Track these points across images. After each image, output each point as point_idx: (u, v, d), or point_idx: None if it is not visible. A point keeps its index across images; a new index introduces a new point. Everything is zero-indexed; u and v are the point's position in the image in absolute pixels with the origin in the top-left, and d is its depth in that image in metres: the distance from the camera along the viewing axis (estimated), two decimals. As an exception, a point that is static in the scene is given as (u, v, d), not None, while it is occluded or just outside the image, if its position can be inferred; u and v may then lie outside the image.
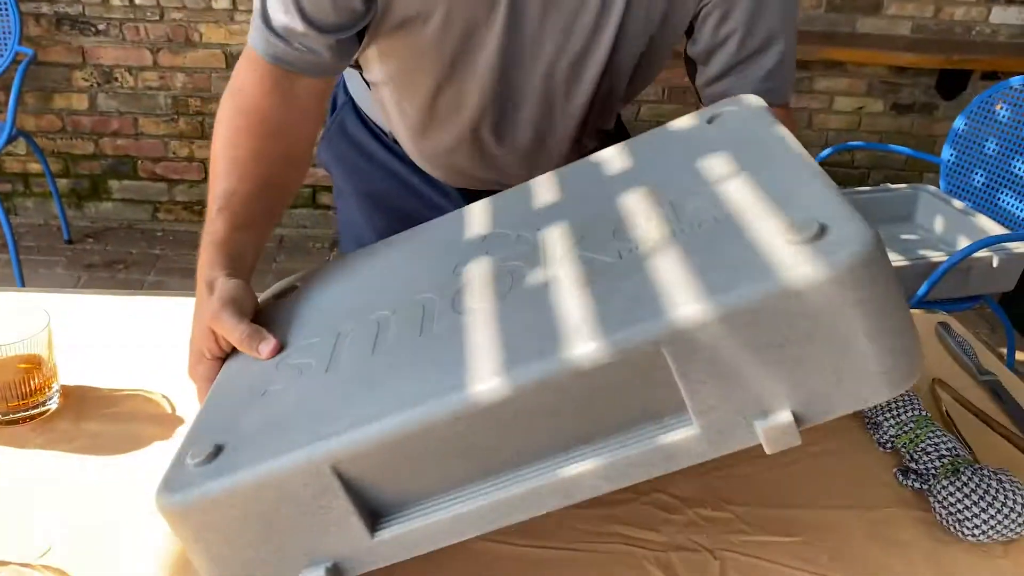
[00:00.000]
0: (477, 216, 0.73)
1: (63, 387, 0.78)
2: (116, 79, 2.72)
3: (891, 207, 1.92)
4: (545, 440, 0.53)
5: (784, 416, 0.51)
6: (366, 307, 0.66)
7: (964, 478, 0.68)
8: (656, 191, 0.63)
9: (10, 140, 2.37)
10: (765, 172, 0.58)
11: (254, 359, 0.65)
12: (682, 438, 0.52)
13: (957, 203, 1.86)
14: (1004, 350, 1.91)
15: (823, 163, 2.56)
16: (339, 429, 0.53)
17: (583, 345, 0.50)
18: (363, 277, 0.74)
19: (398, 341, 0.60)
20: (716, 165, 0.62)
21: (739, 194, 0.57)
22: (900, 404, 0.77)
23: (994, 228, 1.75)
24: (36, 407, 0.75)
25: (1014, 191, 1.84)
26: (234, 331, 0.66)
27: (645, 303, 0.51)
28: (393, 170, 1.02)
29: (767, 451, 0.52)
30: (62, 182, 2.83)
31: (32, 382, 0.74)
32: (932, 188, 1.92)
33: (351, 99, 1.05)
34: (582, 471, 0.53)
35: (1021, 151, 1.84)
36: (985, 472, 0.69)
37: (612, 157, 0.73)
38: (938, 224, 1.86)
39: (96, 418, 0.76)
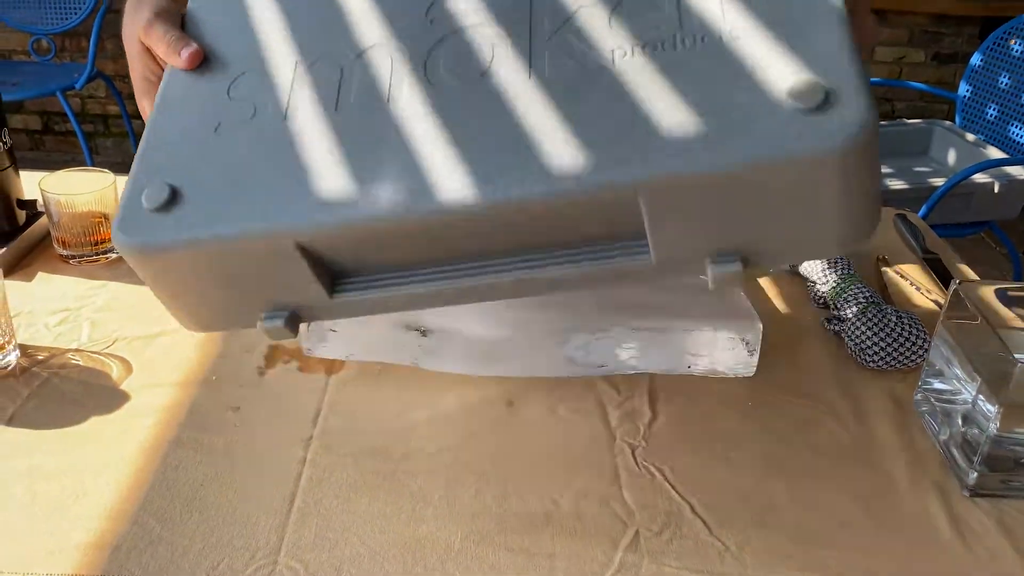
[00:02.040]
0: None
1: (128, 241, 0.95)
2: (186, 26, 2.92)
3: (907, 141, 1.98)
4: (505, 246, 0.53)
5: (735, 266, 0.50)
6: (329, 40, 0.60)
7: (870, 314, 0.79)
8: None
9: (91, 79, 2.59)
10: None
11: (196, 81, 0.61)
12: (636, 265, 0.51)
13: (970, 136, 1.91)
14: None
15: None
16: (303, 209, 0.51)
17: (559, 179, 0.48)
18: None
19: (362, 103, 0.56)
20: None
21: (754, 16, 0.51)
22: (831, 267, 0.88)
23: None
24: (106, 252, 0.91)
25: (1023, 123, 1.89)
26: (162, 39, 0.63)
27: (631, 138, 0.48)
28: None
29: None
30: (137, 123, 3.05)
31: (102, 230, 0.90)
32: (947, 123, 1.98)
33: None
34: (534, 277, 0.52)
35: (1032, 84, 1.88)
36: (889, 311, 0.79)
37: None
38: (951, 156, 1.92)
39: (153, 262, 0.92)
